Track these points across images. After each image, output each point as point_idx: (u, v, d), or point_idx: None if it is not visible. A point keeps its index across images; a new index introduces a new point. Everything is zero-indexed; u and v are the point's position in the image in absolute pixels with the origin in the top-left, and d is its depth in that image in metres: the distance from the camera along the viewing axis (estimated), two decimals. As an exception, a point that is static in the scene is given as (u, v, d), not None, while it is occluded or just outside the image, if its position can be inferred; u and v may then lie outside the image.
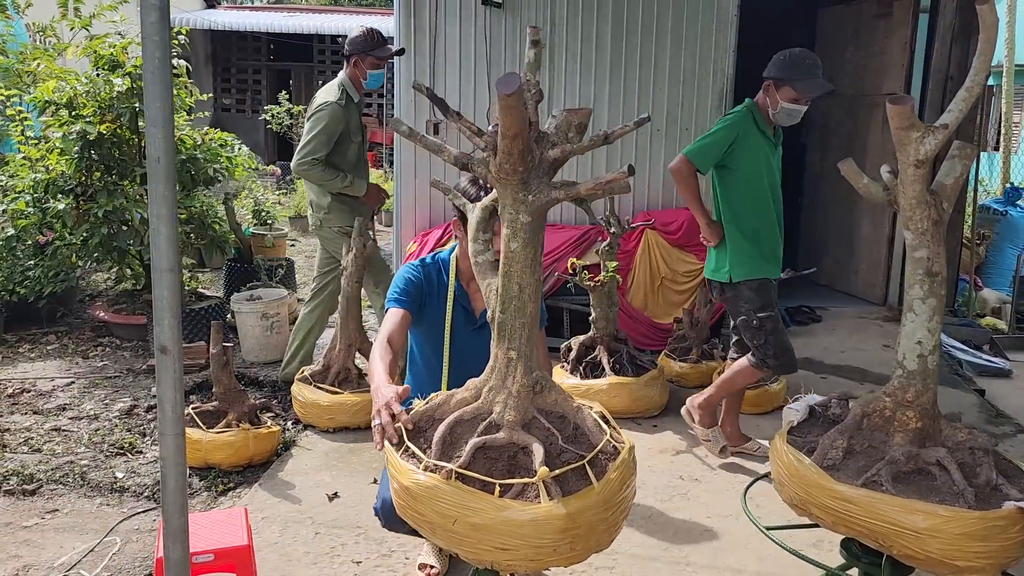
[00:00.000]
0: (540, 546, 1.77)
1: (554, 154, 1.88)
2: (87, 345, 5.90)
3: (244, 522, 2.74)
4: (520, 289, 1.93)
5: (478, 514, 1.76)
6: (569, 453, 1.90)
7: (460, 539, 1.80)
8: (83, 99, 5.64)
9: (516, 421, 1.92)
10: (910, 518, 1.98)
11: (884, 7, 7.03)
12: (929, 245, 2.13)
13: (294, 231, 10.84)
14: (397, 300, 2.64)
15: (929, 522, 1.96)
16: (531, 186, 1.88)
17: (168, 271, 2.05)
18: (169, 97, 1.99)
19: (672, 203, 6.33)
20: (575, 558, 1.85)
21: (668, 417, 4.78)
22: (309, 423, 4.49)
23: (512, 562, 1.80)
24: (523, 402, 1.94)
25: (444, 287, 2.75)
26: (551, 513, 1.75)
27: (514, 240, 1.90)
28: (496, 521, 1.76)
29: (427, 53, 6.13)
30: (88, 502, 3.66)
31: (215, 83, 17.06)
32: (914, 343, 2.17)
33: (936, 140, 2.05)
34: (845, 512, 2.08)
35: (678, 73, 6.22)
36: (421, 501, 1.82)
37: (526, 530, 1.75)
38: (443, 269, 2.78)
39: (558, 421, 1.99)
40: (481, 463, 1.86)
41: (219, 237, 6.38)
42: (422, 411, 2.05)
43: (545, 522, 1.75)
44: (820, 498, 2.13)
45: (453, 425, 1.95)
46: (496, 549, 1.78)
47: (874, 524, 2.03)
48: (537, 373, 1.97)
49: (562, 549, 1.79)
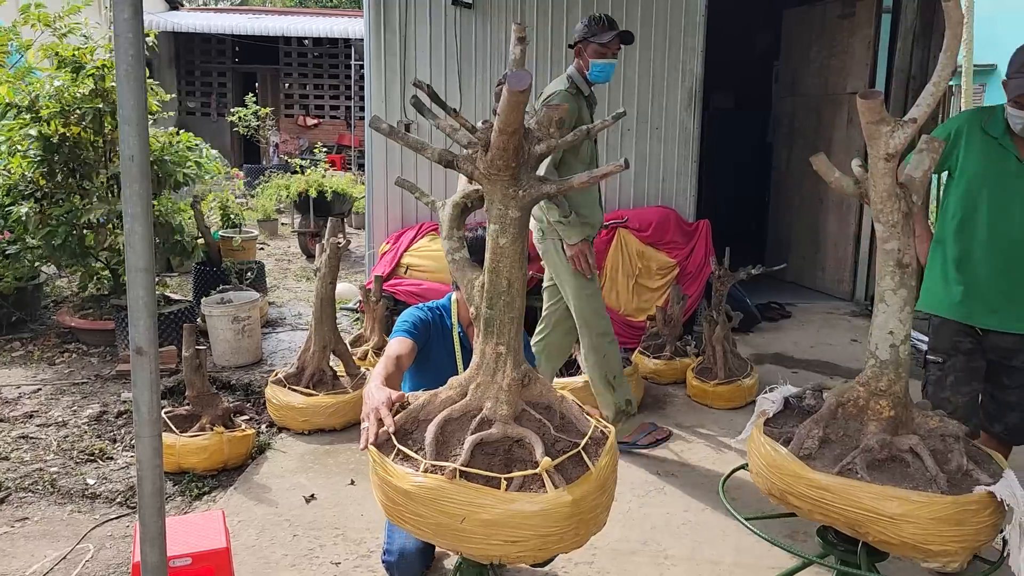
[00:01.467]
0: (548, 534, 1.80)
1: (540, 149, 1.89)
2: (53, 351, 5.79)
3: (222, 525, 2.71)
4: (509, 284, 1.94)
5: (487, 510, 1.77)
6: (563, 442, 1.93)
7: (468, 537, 1.80)
8: (46, 101, 5.54)
9: (509, 415, 1.93)
10: (885, 504, 2.02)
11: (847, 8, 7.15)
12: (899, 237, 2.17)
13: (263, 234, 10.75)
14: (408, 332, 2.63)
15: (903, 508, 2.00)
16: (521, 181, 1.89)
17: (144, 270, 2.03)
18: (143, 95, 1.97)
19: (644, 201, 6.38)
20: (578, 542, 1.89)
21: (643, 413, 4.81)
22: (284, 425, 4.45)
23: (521, 553, 1.81)
24: (513, 396, 1.95)
25: (447, 330, 2.77)
26: (558, 501, 1.78)
27: (503, 236, 1.91)
28: (506, 515, 1.77)
29: (397, 53, 6.12)
30: (59, 509, 3.59)
31: (179, 86, 16.87)
32: (886, 333, 2.21)
33: (905, 134, 2.09)
34: (821, 500, 2.11)
35: (647, 73, 6.28)
36: (424, 503, 1.81)
37: (535, 520, 1.77)
38: (445, 314, 2.79)
39: (546, 412, 2.01)
40: (479, 459, 1.86)
41: (187, 241, 6.31)
42: (406, 413, 2.04)
43: (553, 510, 1.78)
44: (797, 487, 2.16)
45: (443, 424, 1.95)
46: (506, 543, 1.80)
47: (850, 511, 2.06)
48: (524, 366, 1.98)
49: (568, 535, 1.83)
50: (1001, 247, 3.06)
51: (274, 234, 11.30)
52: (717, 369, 4.93)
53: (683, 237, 6.16)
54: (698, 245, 6.13)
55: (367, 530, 3.38)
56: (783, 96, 8.33)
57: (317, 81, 17.57)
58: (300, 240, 9.71)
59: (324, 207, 9.38)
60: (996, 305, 3.09)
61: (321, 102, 17.61)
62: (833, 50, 7.35)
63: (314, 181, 9.37)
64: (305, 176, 9.65)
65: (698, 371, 5.05)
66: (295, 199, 9.43)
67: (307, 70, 17.57)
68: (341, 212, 9.73)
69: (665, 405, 4.98)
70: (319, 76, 17.56)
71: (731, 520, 2.57)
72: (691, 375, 5.05)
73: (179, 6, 18.28)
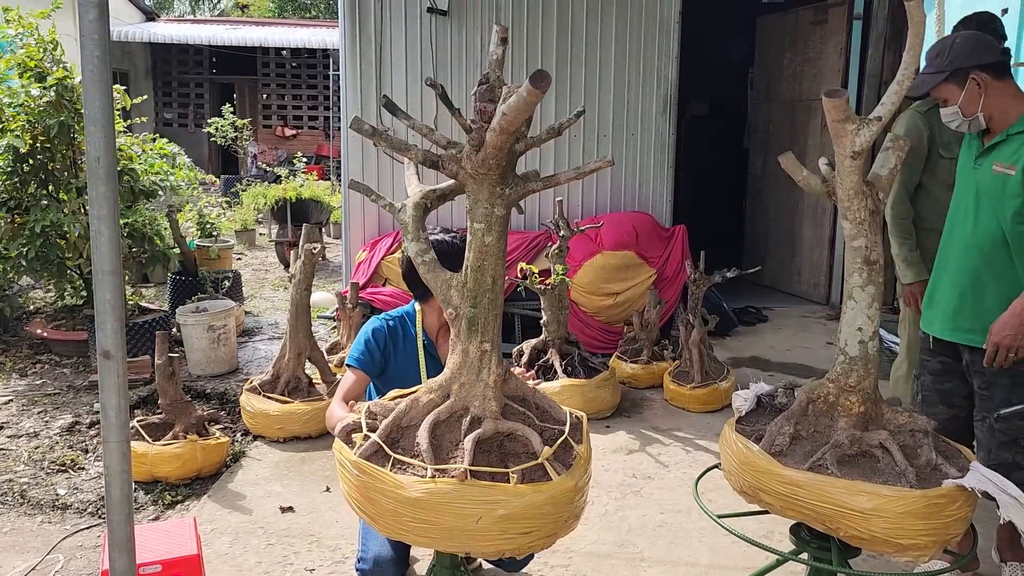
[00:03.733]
0: (557, 520, 1.85)
1: (520, 147, 1.90)
2: (25, 363, 5.72)
3: (193, 532, 2.68)
4: (493, 281, 1.95)
5: (502, 505, 1.77)
6: (549, 430, 1.97)
7: (483, 536, 1.79)
8: (12, 111, 5.48)
9: (498, 411, 1.95)
10: (855, 499, 2.03)
11: (820, 14, 7.24)
12: (867, 234, 2.19)
13: (240, 245, 10.69)
14: (359, 361, 2.68)
15: (873, 502, 2.01)
16: (508, 180, 1.90)
17: (110, 273, 2.00)
18: (109, 96, 1.95)
19: (620, 206, 6.41)
20: (576, 524, 1.96)
21: (620, 418, 4.82)
22: (259, 433, 4.41)
23: (533, 543, 1.84)
24: (500, 392, 1.97)
25: (412, 339, 2.76)
26: (563, 487, 1.83)
27: (489, 234, 1.92)
28: (520, 508, 1.79)
29: (373, 61, 6.12)
30: (29, 520, 3.54)
31: (156, 97, 16.79)
32: (855, 330, 2.22)
33: (870, 132, 2.11)
34: (793, 496, 2.12)
35: (623, 79, 6.32)
36: (436, 509, 1.78)
37: (546, 508, 1.81)
38: (409, 322, 2.78)
39: (524, 403, 2.04)
40: (478, 457, 1.86)
41: (162, 251, 6.25)
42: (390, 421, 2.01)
43: (560, 496, 1.82)
44: (769, 483, 2.17)
45: (432, 428, 1.94)
46: (520, 535, 1.81)
47: (821, 506, 2.07)
48: (504, 363, 2.00)
49: (571, 520, 1.90)
50: (954, 250, 2.92)
51: (252, 244, 11.24)
52: (694, 373, 4.95)
53: (659, 242, 6.18)
54: (674, 250, 6.16)
55: (342, 537, 3.35)
56: (758, 102, 8.41)
57: (295, 92, 17.53)
58: (278, 250, 9.66)
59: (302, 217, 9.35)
60: (948, 312, 2.90)
61: (299, 112, 17.56)
62: (806, 56, 7.44)
63: (292, 189, 9.34)
64: (283, 185, 9.61)
65: (675, 375, 5.07)
66: (273, 206, 9.38)
67: (285, 80, 17.53)
68: (319, 221, 9.69)
69: (642, 409, 4.99)
70: (297, 87, 17.52)
71: (707, 521, 2.57)
72: (668, 379, 5.07)
73: (156, 17, 18.19)
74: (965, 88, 2.77)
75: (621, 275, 5.99)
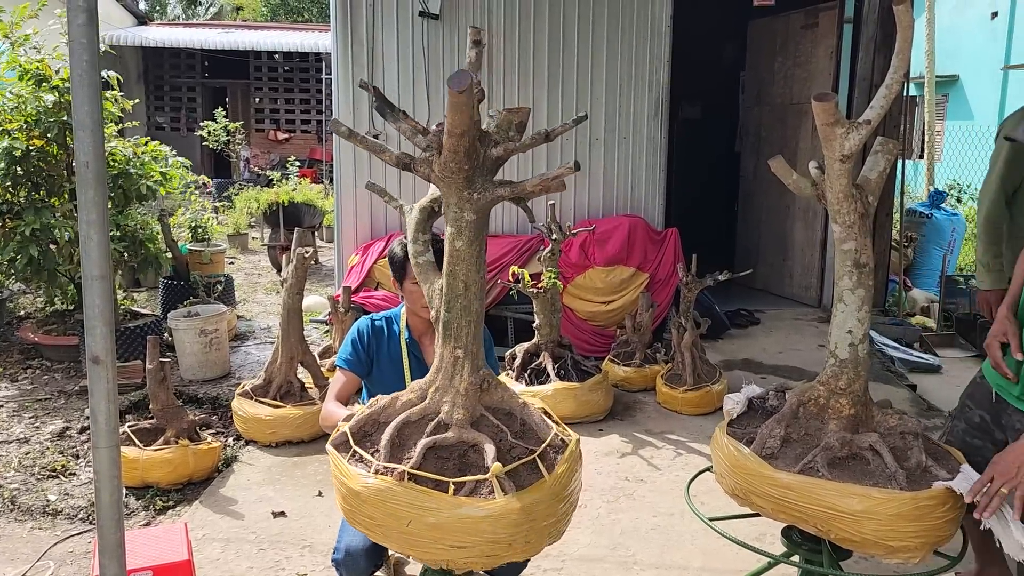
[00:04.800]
0: (496, 541, 1.77)
1: (497, 152, 1.88)
2: (15, 368, 5.69)
3: (184, 537, 2.67)
4: (466, 287, 1.93)
5: (433, 514, 1.75)
6: (519, 448, 1.91)
7: (415, 540, 1.79)
8: (8, 114, 5.47)
9: (465, 419, 1.91)
10: (846, 501, 2.03)
11: (811, 18, 7.27)
12: (856, 237, 2.20)
13: (233, 249, 10.66)
14: (347, 362, 2.70)
15: (864, 504, 2.02)
16: (476, 184, 1.88)
17: (100, 278, 2.00)
18: (98, 100, 1.95)
19: (613, 210, 6.42)
20: (530, 551, 1.86)
21: (613, 421, 4.83)
22: (251, 438, 4.40)
23: (468, 559, 1.79)
24: (471, 400, 1.94)
25: (396, 339, 2.76)
26: (506, 508, 1.76)
27: (459, 239, 1.90)
28: (452, 519, 1.75)
29: (365, 64, 6.12)
30: (19, 526, 3.52)
31: (148, 101, 16.71)
32: (845, 332, 2.23)
33: (860, 135, 2.12)
34: (784, 499, 2.12)
35: (615, 82, 6.33)
36: (373, 505, 1.80)
37: (483, 526, 1.75)
38: (394, 323, 2.79)
39: (506, 417, 1.99)
40: (432, 463, 1.85)
41: (154, 255, 6.23)
42: (366, 415, 2.03)
43: (501, 516, 1.75)
44: (760, 486, 2.17)
45: (401, 427, 1.94)
46: (452, 547, 1.78)
47: (812, 509, 2.08)
48: (484, 371, 1.97)
49: (517, 543, 1.80)
50: None
51: (244, 248, 11.21)
52: (686, 376, 4.96)
53: (652, 246, 6.19)
54: (667, 253, 6.17)
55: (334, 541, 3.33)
56: (749, 106, 8.44)
57: (288, 96, 17.49)
58: (270, 254, 9.64)
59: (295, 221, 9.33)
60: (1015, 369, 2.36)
61: (292, 116, 17.53)
62: (797, 60, 7.47)
63: (284, 193, 9.33)
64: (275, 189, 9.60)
65: (667, 378, 5.07)
66: (265, 210, 9.37)
67: (278, 84, 17.49)
68: (312, 226, 9.68)
69: (635, 412, 5.00)
70: (290, 90, 17.48)
71: (699, 524, 2.57)
72: (660, 382, 5.08)
73: (147, 21, 18.15)
74: None
75: (613, 287, 6.01)
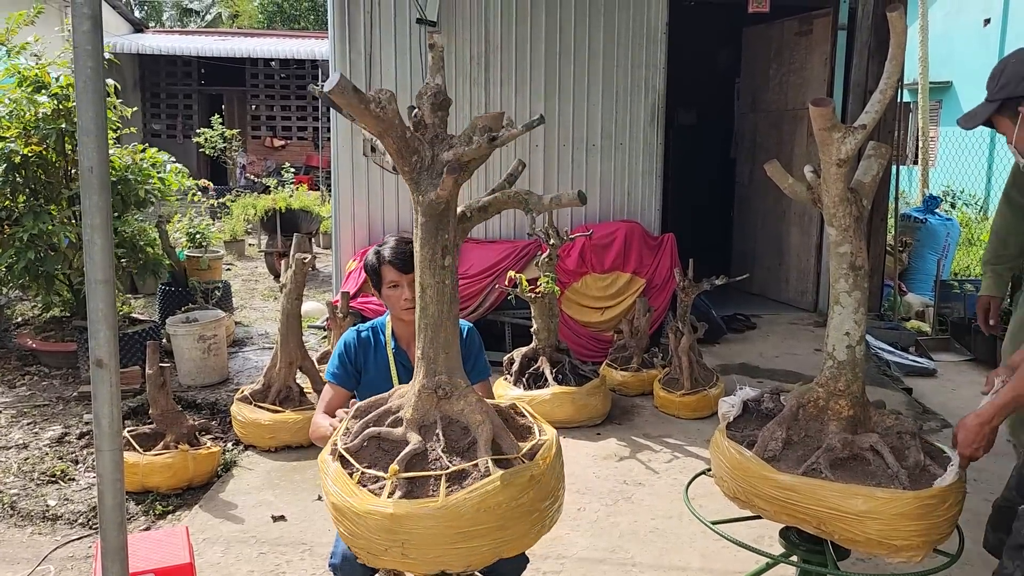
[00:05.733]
0: (372, 539, 1.79)
1: (447, 156, 1.86)
2: (14, 374, 5.69)
3: (185, 540, 2.69)
4: (423, 290, 1.95)
5: (335, 496, 1.86)
6: (440, 463, 1.86)
7: (329, 514, 1.94)
8: (6, 121, 5.48)
9: (413, 420, 1.95)
10: (850, 502, 2.04)
11: (805, 25, 7.32)
12: (852, 240, 2.23)
13: (230, 255, 10.67)
14: (334, 376, 2.72)
15: (868, 505, 2.03)
16: (421, 186, 1.90)
17: (103, 282, 2.02)
18: (102, 106, 1.97)
19: (609, 215, 6.45)
20: (413, 567, 1.84)
21: (611, 425, 4.85)
22: (250, 443, 4.41)
23: (357, 551, 1.86)
24: (423, 403, 1.96)
25: (383, 349, 2.77)
26: (376, 509, 1.77)
27: (416, 240, 1.94)
28: (343, 504, 1.83)
29: (363, 72, 6.15)
30: (19, 532, 3.52)
31: (144, 108, 16.74)
32: (842, 334, 2.25)
33: (856, 140, 2.15)
34: (788, 501, 2.13)
35: (611, 89, 6.37)
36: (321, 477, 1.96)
37: (362, 520, 1.79)
38: (380, 332, 2.80)
39: (458, 431, 1.95)
40: (372, 452, 1.93)
41: (152, 261, 6.25)
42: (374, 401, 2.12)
43: (368, 516, 1.78)
44: (764, 489, 2.17)
45: (383, 415, 2.04)
46: (344, 533, 1.87)
47: (816, 510, 2.08)
48: (441, 378, 1.95)
49: (393, 551, 1.79)
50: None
51: (241, 255, 11.22)
52: (683, 380, 4.98)
53: (648, 251, 6.22)
54: (663, 258, 6.20)
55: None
56: (744, 112, 8.48)
57: (284, 102, 17.52)
58: (267, 260, 9.64)
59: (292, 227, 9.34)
60: None
61: (288, 123, 17.56)
62: (792, 66, 7.51)
63: (282, 199, 9.34)
64: (272, 195, 9.61)
65: (665, 382, 5.10)
66: (262, 217, 9.38)
67: (274, 91, 17.53)
68: (309, 231, 9.69)
69: (633, 416, 5.01)
70: (286, 97, 17.52)
71: (698, 526, 2.59)
72: (658, 386, 5.10)
73: (144, 28, 18.18)
74: (1017, 123, 2.32)
75: (610, 293, 6.05)
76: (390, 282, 2.63)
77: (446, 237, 1.93)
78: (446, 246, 1.93)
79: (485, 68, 6.22)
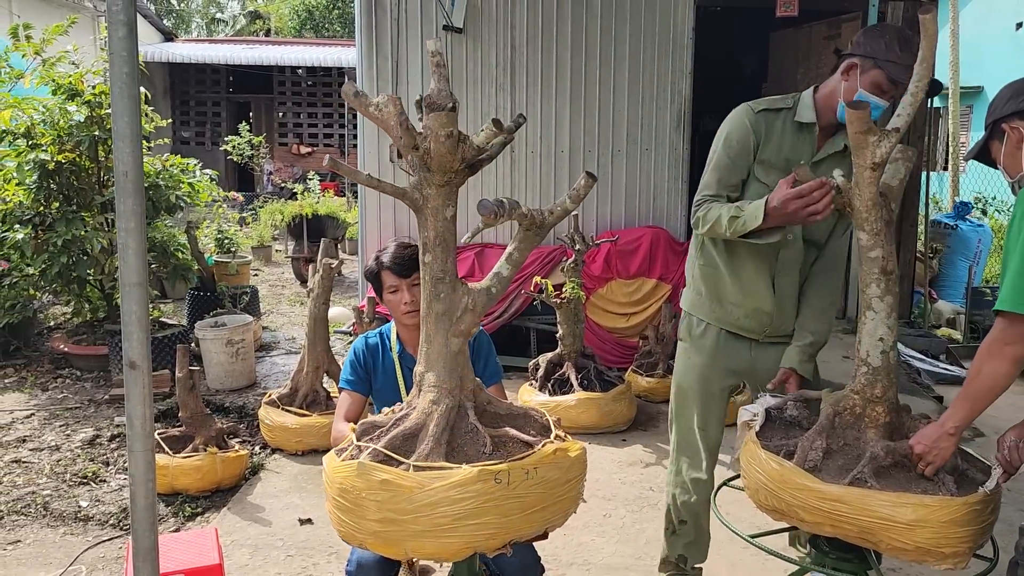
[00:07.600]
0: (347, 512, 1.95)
1: None
2: (46, 377, 5.78)
3: (215, 542, 2.71)
4: None
5: None
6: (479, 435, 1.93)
7: None
8: (41, 128, 5.59)
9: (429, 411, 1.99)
10: (899, 511, 1.99)
11: (834, 29, 7.26)
12: (883, 244, 2.20)
13: (257, 261, 10.77)
14: (348, 382, 2.72)
15: (918, 513, 1.98)
16: None
17: (137, 285, 2.04)
18: (137, 111, 2.00)
19: (635, 221, 6.43)
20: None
21: (636, 431, 4.82)
22: (277, 446, 4.44)
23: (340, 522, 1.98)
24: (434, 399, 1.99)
25: (389, 354, 2.79)
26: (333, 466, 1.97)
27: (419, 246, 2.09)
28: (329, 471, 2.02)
29: (389, 78, 6.19)
30: (51, 532, 3.57)
31: (173, 115, 16.96)
32: (876, 340, 2.22)
33: (891, 143, 2.13)
34: (834, 512, 2.06)
35: (637, 95, 6.35)
36: None
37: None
38: (386, 337, 2.81)
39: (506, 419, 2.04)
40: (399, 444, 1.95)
41: (182, 266, 6.32)
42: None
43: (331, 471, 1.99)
44: (808, 500, 2.10)
45: None
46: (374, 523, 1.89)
47: (863, 520, 2.03)
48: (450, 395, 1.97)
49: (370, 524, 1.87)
50: None
51: (268, 261, 11.32)
52: (710, 386, 4.93)
53: (674, 256, 6.19)
54: (690, 264, 6.17)
55: (361, 549, 3.36)
56: (772, 118, 8.41)
57: (311, 110, 17.68)
58: (294, 266, 9.73)
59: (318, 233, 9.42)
60: None
61: (315, 130, 17.71)
62: (820, 71, 7.44)
63: (308, 205, 9.43)
64: (299, 201, 9.70)
65: (691, 388, 5.05)
66: (289, 223, 9.46)
67: (301, 99, 17.69)
68: (335, 237, 9.76)
69: (659, 422, 4.98)
70: (312, 105, 17.67)
71: (725, 533, 2.56)
72: None
73: (174, 37, 18.45)
74: (1004, 142, 2.31)
75: (635, 299, 6.03)
76: (390, 287, 2.64)
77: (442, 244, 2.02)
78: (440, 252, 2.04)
79: (510, 73, 6.23)
